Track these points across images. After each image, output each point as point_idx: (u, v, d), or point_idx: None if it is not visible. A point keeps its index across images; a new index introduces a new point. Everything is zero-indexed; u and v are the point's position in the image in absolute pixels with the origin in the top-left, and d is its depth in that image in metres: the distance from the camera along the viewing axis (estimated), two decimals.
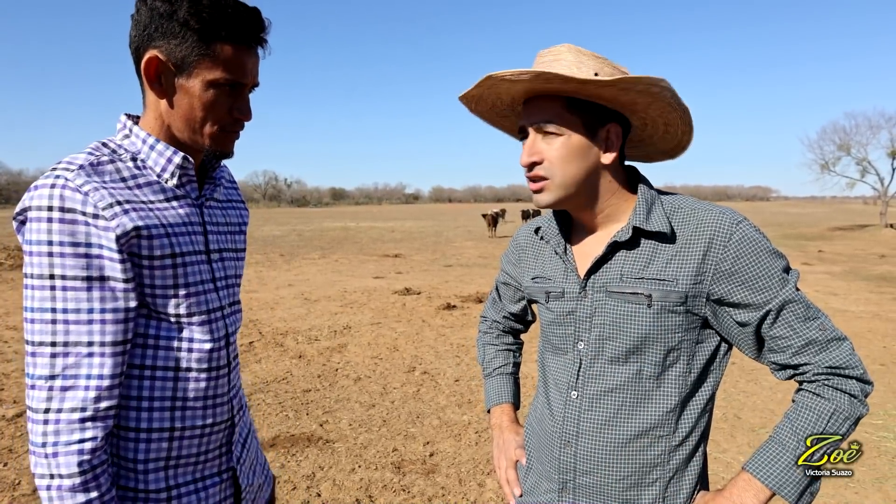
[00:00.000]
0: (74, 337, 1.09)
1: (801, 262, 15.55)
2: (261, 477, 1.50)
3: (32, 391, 1.09)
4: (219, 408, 1.32)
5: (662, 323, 1.25)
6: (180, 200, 1.25)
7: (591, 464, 1.30)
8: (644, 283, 1.25)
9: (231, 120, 1.24)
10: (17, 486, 3.54)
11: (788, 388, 5.34)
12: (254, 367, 6.01)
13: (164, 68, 1.17)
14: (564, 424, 1.33)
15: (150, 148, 1.22)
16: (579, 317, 1.33)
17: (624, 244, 1.29)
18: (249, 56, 1.20)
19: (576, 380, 1.33)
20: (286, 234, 27.27)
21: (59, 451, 1.08)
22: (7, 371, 5.72)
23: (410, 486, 3.57)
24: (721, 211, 1.24)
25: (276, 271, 13.81)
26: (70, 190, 1.07)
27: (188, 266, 1.22)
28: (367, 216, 52.54)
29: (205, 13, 1.13)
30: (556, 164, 1.26)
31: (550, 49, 1.28)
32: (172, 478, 1.26)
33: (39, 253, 1.07)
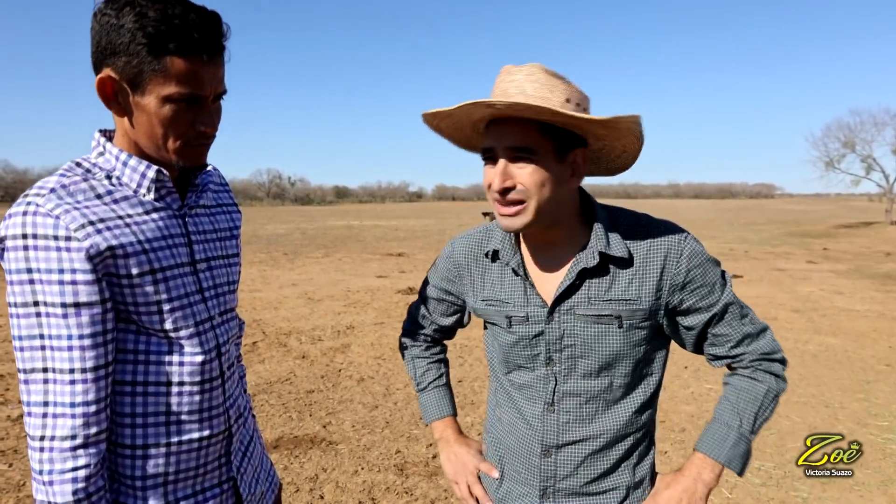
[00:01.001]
0: (59, 364, 1.09)
1: (806, 261, 15.51)
2: (264, 484, 1.50)
3: (29, 419, 1.10)
4: (214, 420, 1.31)
5: (631, 339, 1.35)
6: (160, 213, 1.23)
7: (570, 469, 1.40)
8: (612, 304, 1.32)
9: (195, 133, 1.19)
10: (21, 487, 3.55)
11: (792, 388, 5.33)
12: (257, 367, 6.01)
13: (118, 87, 1.14)
14: (545, 436, 1.41)
15: (123, 164, 1.20)
16: (549, 339, 1.37)
17: (589, 269, 1.32)
18: (205, 66, 1.14)
19: (552, 395, 1.39)
20: (290, 233, 27.28)
21: (54, 480, 1.09)
22: (11, 371, 5.73)
23: (413, 489, 3.57)
24: (667, 227, 1.35)
25: (280, 270, 13.82)
26: (41, 216, 1.07)
27: (170, 280, 1.20)
28: (371, 214, 52.61)
29: (150, 27, 1.08)
30: (532, 189, 1.25)
31: (521, 67, 1.26)
32: (171, 493, 1.26)
33: (20, 282, 1.07)
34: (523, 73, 1.25)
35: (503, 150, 1.26)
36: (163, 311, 1.19)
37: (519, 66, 1.27)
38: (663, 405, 4.96)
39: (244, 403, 1.47)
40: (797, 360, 6.22)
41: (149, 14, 1.08)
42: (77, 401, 1.10)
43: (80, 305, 1.09)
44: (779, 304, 9.27)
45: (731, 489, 3.57)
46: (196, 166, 1.27)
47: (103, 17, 1.10)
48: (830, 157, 41.52)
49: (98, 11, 1.12)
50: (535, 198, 1.26)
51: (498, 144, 1.27)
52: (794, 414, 4.75)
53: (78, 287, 1.08)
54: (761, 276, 12.29)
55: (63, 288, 1.07)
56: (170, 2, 1.10)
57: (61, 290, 1.07)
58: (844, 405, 4.94)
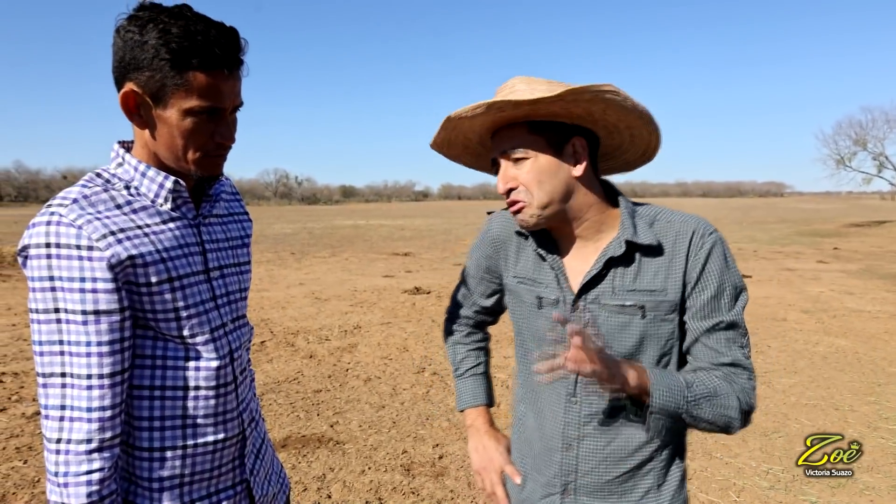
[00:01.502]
0: (77, 369, 1.12)
1: (816, 260, 15.42)
2: (276, 486, 1.53)
3: (46, 421, 1.13)
4: (229, 423, 1.34)
5: (656, 331, 1.33)
6: (176, 222, 1.26)
7: (592, 464, 1.37)
8: (636, 294, 1.32)
9: (213, 145, 1.23)
10: (36, 484, 3.58)
11: (801, 391, 5.31)
12: (265, 366, 6.03)
13: (141, 101, 1.18)
14: (566, 429, 1.39)
15: (141, 175, 1.23)
16: None
17: (616, 258, 1.32)
18: (225, 80, 1.18)
19: (574, 386, 1.38)
20: (297, 232, 27.35)
21: (69, 482, 1.12)
22: (26, 369, 5.78)
23: (420, 489, 3.57)
24: (697, 220, 1.33)
25: (287, 270, 13.85)
26: (64, 226, 1.10)
27: (186, 288, 1.24)
28: (377, 214, 52.70)
29: (174, 43, 1.11)
30: (531, 186, 1.31)
31: (505, 84, 1.34)
32: (187, 494, 1.29)
33: (42, 289, 1.10)
34: (507, 87, 1.32)
35: (501, 156, 1.35)
36: (180, 318, 1.23)
37: (505, 83, 1.34)
38: None
39: (255, 407, 1.50)
40: (806, 362, 6.19)
41: (172, 31, 1.11)
42: (94, 405, 1.13)
43: (100, 313, 1.12)
44: (788, 304, 9.22)
45: (738, 492, 3.56)
46: (213, 176, 1.30)
47: (127, 33, 1.13)
48: (841, 154, 41.35)
49: (121, 28, 1.15)
50: (535, 193, 1.31)
51: (496, 152, 1.37)
52: (802, 417, 4.72)
53: (98, 295, 1.12)
54: (770, 277, 12.24)
55: (84, 296, 1.11)
56: (191, 18, 1.14)
57: (82, 298, 1.11)
58: (854, 408, 4.90)
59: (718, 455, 4.04)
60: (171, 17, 1.13)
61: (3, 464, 3.82)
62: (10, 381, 5.43)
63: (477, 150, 1.48)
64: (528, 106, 1.24)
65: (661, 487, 1.38)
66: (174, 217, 1.26)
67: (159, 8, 1.15)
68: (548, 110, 1.27)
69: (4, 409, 4.76)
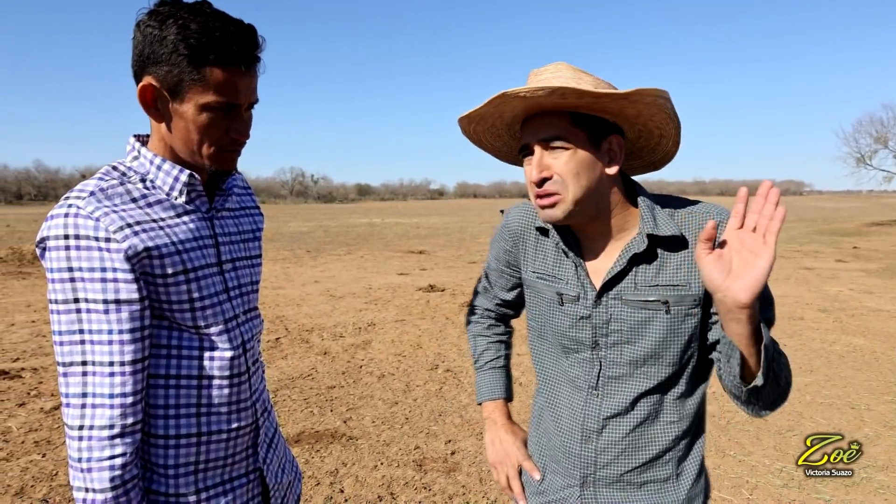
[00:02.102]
0: (99, 357, 1.14)
1: (835, 259, 15.26)
2: (290, 474, 1.56)
3: (67, 409, 1.16)
4: (243, 412, 1.37)
5: (680, 326, 1.30)
6: (190, 215, 1.29)
7: (610, 456, 1.37)
8: (659, 289, 1.30)
9: (228, 140, 1.26)
10: (54, 477, 3.63)
11: (817, 389, 5.27)
12: (280, 363, 6.07)
13: (158, 94, 1.20)
14: (585, 421, 1.39)
15: (157, 168, 1.26)
16: (595, 323, 1.35)
17: (640, 254, 1.30)
18: (242, 77, 1.21)
19: (596, 380, 1.38)
20: (312, 231, 27.47)
21: (92, 468, 1.14)
22: (45, 364, 5.86)
23: (431, 484, 3.59)
24: (717, 209, 1.30)
25: (303, 268, 13.92)
26: (82, 217, 1.12)
27: (201, 280, 1.26)
28: (393, 212, 52.81)
29: (192, 38, 1.14)
30: (567, 179, 1.27)
31: (546, 67, 1.29)
32: (202, 481, 1.32)
33: (62, 280, 1.12)
34: (549, 71, 1.28)
35: (537, 143, 1.29)
36: (194, 309, 1.26)
37: (544, 66, 1.30)
38: None
39: (267, 398, 1.52)
40: (823, 360, 6.14)
41: (191, 26, 1.14)
42: (116, 392, 1.15)
43: (121, 302, 1.15)
44: (805, 303, 9.14)
45: (751, 490, 3.54)
46: (225, 172, 1.33)
47: (147, 27, 1.16)
48: (862, 152, 40.85)
49: (141, 22, 1.17)
50: (571, 187, 1.27)
51: (532, 138, 1.30)
52: (818, 416, 4.69)
53: (119, 285, 1.14)
54: (788, 275, 12.12)
55: (105, 286, 1.13)
56: (210, 15, 1.16)
57: (103, 288, 1.13)
58: (871, 407, 4.86)
59: (732, 453, 4.02)
60: (190, 13, 1.15)
61: (22, 457, 3.89)
62: (30, 376, 5.51)
63: (499, 133, 1.43)
64: (592, 97, 1.20)
65: (679, 477, 1.38)
66: (188, 210, 1.28)
67: (179, 4, 1.17)
68: (605, 105, 1.24)
69: (24, 403, 4.84)
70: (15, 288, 10.61)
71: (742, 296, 1.06)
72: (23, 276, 12.09)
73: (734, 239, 1.11)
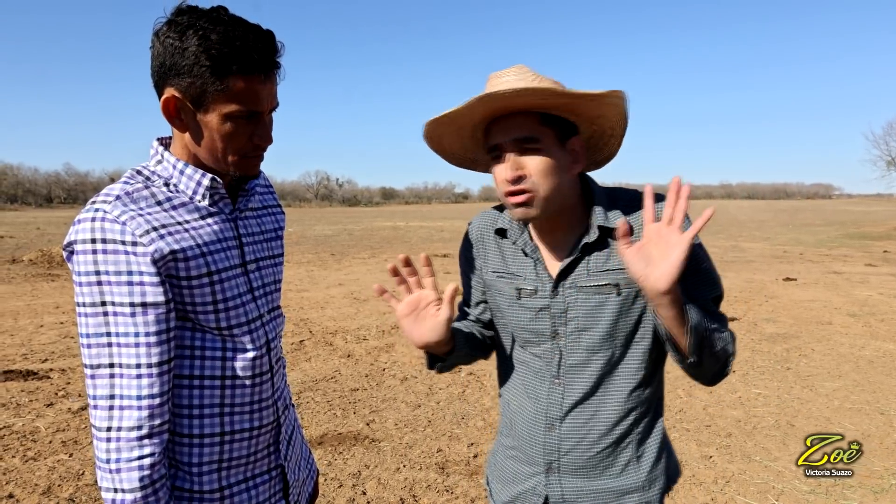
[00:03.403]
0: (126, 359, 1.16)
1: (865, 263, 14.99)
2: (305, 471, 1.59)
3: (95, 411, 1.17)
4: (265, 411, 1.39)
5: (631, 307, 1.38)
6: (214, 217, 1.30)
7: (572, 442, 1.43)
8: (609, 274, 1.37)
9: (252, 146, 1.27)
10: (81, 476, 3.70)
11: (846, 395, 5.19)
12: (304, 365, 6.12)
13: (181, 105, 1.21)
14: (549, 410, 1.44)
15: (180, 173, 1.28)
16: (553, 312, 1.41)
17: (591, 243, 1.38)
18: (263, 84, 1.22)
19: (557, 369, 1.43)
20: (337, 234, 27.62)
21: (121, 468, 1.16)
22: (73, 366, 5.97)
23: (454, 487, 3.59)
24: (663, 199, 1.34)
25: (327, 270, 14.01)
26: (109, 222, 1.14)
27: (225, 282, 1.28)
28: (417, 215, 52.88)
29: (214, 49, 1.14)
30: (540, 178, 1.31)
31: (508, 70, 1.34)
32: (225, 478, 1.34)
33: (89, 283, 1.14)
34: (512, 72, 1.32)
35: (510, 143, 1.33)
36: (218, 311, 1.27)
37: (506, 69, 1.34)
38: (709, 409, 4.88)
39: (288, 394, 1.55)
40: (851, 365, 6.04)
41: (211, 37, 1.14)
42: (143, 393, 1.17)
43: (147, 305, 1.16)
44: (834, 308, 8.99)
45: (777, 495, 3.50)
46: (249, 177, 1.35)
47: (166, 38, 1.17)
48: (892, 155, 40.13)
49: (160, 33, 1.18)
50: (542, 186, 1.32)
51: (504, 139, 1.33)
52: (846, 421, 4.62)
53: (145, 288, 1.16)
54: (816, 279, 11.94)
55: (132, 289, 1.15)
56: (229, 23, 1.16)
57: (130, 291, 1.15)
58: None
59: (758, 458, 3.98)
60: (209, 22, 1.15)
61: (49, 457, 3.96)
62: (58, 377, 5.62)
63: (464, 136, 1.44)
64: (570, 98, 1.26)
65: (640, 459, 1.44)
66: (212, 213, 1.30)
67: (198, 12, 1.17)
68: (573, 106, 1.30)
69: (52, 403, 4.93)
70: (44, 290, 10.83)
71: (660, 284, 1.16)
72: (52, 277, 12.32)
73: (652, 232, 1.21)
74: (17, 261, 14.86)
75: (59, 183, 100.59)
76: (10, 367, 5.86)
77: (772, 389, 5.36)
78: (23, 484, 3.58)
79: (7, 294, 10.30)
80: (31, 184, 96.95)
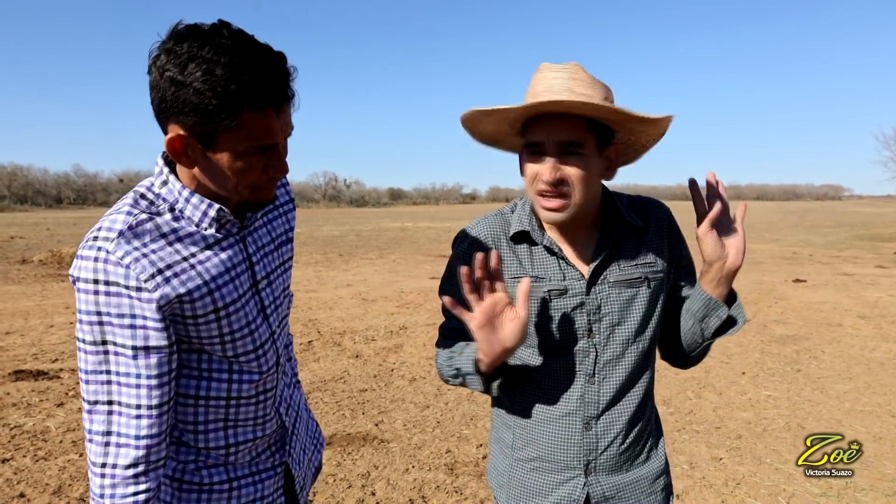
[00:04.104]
0: (126, 398, 1.14)
1: (875, 265, 14.89)
2: (309, 450, 1.59)
3: (91, 445, 1.16)
4: (268, 423, 1.41)
5: (655, 299, 1.45)
6: (221, 244, 1.25)
7: (609, 438, 1.44)
8: (638, 267, 1.43)
9: (267, 178, 1.20)
10: None
11: (856, 397, 5.15)
12: (312, 365, 6.13)
13: (188, 143, 1.12)
14: (586, 410, 1.43)
15: (185, 201, 1.21)
16: (588, 309, 1.41)
17: (619, 238, 1.43)
18: (277, 116, 1.12)
19: (593, 367, 1.42)
20: (345, 234, 27.65)
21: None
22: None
23: (463, 488, 3.59)
24: (656, 201, 1.53)
25: (335, 271, 14.03)
26: (112, 264, 1.09)
27: (232, 315, 1.25)
28: (425, 216, 52.87)
29: (220, 87, 1.04)
30: (579, 184, 1.32)
31: (565, 66, 1.31)
32: (232, 472, 1.37)
33: (90, 322, 1.12)
34: (567, 71, 1.30)
35: (553, 145, 1.31)
36: (225, 343, 1.26)
37: (561, 64, 1.32)
38: (719, 411, 4.86)
39: (291, 393, 1.55)
40: (862, 367, 6.00)
41: (216, 72, 1.04)
42: (142, 434, 1.16)
43: (150, 349, 1.14)
44: (844, 309, 8.94)
45: (788, 498, 3.48)
46: (264, 203, 1.27)
47: (166, 72, 1.06)
48: None
49: (159, 63, 1.07)
50: (580, 191, 1.32)
51: (548, 139, 1.31)
52: (857, 423, 4.59)
53: (148, 332, 1.13)
54: (826, 281, 11.87)
55: (135, 332, 1.13)
56: (235, 52, 1.05)
57: (133, 334, 1.13)
58: None
59: (768, 460, 3.96)
60: (213, 51, 1.04)
61: (59, 456, 3.98)
62: (68, 377, 5.65)
63: (504, 129, 1.42)
64: (623, 116, 1.27)
65: (657, 442, 1.54)
66: (218, 239, 1.24)
67: (198, 37, 1.06)
68: (622, 121, 1.30)
69: (62, 403, 4.96)
70: (54, 290, 10.87)
71: (738, 260, 1.37)
72: (61, 278, 12.38)
73: (711, 220, 1.36)
74: (28, 261, 14.94)
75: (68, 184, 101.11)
76: (21, 366, 5.89)
77: (782, 391, 5.33)
78: (34, 483, 3.60)
79: (17, 294, 10.35)
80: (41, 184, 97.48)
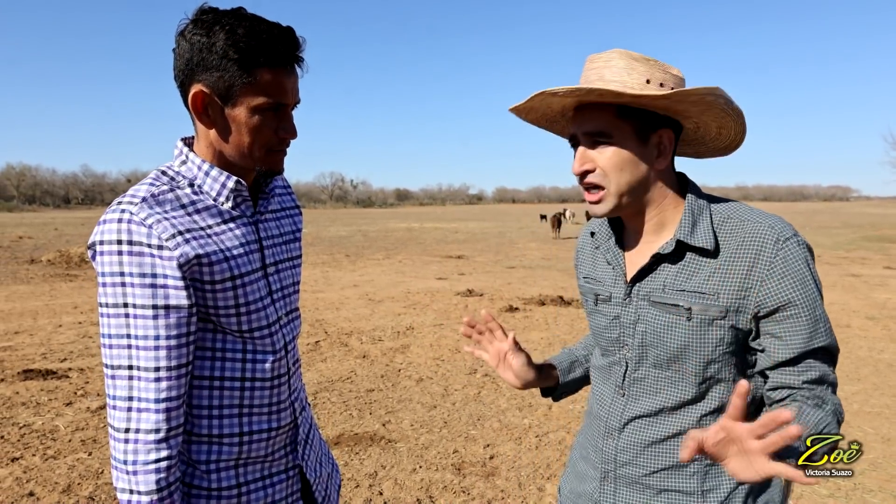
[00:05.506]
0: (144, 362, 1.16)
1: (884, 266, 14.84)
2: (328, 466, 1.59)
3: (114, 411, 1.18)
4: (283, 412, 1.40)
5: (702, 336, 1.25)
6: (236, 221, 1.31)
7: (629, 456, 1.35)
8: (685, 295, 1.25)
9: (277, 140, 1.28)
10: (100, 475, 3.74)
11: (865, 398, 5.13)
12: (319, 366, 6.15)
13: (209, 101, 1.22)
14: (610, 419, 1.39)
15: (205, 174, 1.28)
16: (623, 322, 1.36)
17: (667, 256, 1.28)
18: (289, 77, 1.24)
19: (622, 380, 1.38)
20: (352, 235, 27.71)
21: (138, 470, 1.17)
22: (91, 365, 6.04)
23: (470, 488, 3.59)
24: (770, 224, 1.22)
25: (342, 272, 14.06)
26: (135, 224, 1.15)
27: (247, 286, 1.28)
28: (431, 217, 52.95)
29: (242, 43, 1.17)
30: (610, 173, 1.27)
31: (601, 55, 1.28)
32: (242, 475, 1.35)
33: (113, 284, 1.14)
34: (602, 59, 1.27)
35: (582, 136, 1.29)
36: (240, 314, 1.28)
37: (600, 54, 1.29)
38: None
39: (304, 395, 1.56)
40: (871, 369, 5.98)
41: (238, 31, 1.17)
42: (161, 397, 1.18)
43: (170, 308, 1.17)
44: (852, 310, 8.92)
45: (796, 499, 3.47)
46: (274, 172, 1.34)
47: (193, 36, 1.18)
48: None
49: (186, 31, 1.20)
50: (614, 181, 1.27)
51: (578, 130, 1.30)
52: (866, 425, 4.57)
53: (168, 291, 1.16)
54: (834, 282, 11.83)
55: (155, 291, 1.15)
56: (254, 19, 1.19)
57: (153, 293, 1.15)
58: None
59: None
60: (235, 18, 1.18)
61: (69, 455, 4.01)
62: (77, 376, 5.68)
63: (555, 119, 1.44)
64: (630, 97, 1.20)
65: (706, 495, 1.28)
66: (234, 216, 1.31)
67: (221, 11, 1.20)
68: (648, 103, 1.23)
69: (70, 402, 4.99)
70: (63, 290, 10.94)
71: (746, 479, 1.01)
72: (70, 278, 12.45)
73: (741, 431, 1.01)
74: (36, 261, 15.05)
75: (76, 184, 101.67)
76: (30, 366, 5.93)
77: None
78: (43, 482, 3.62)
79: (26, 294, 10.42)
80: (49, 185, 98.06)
